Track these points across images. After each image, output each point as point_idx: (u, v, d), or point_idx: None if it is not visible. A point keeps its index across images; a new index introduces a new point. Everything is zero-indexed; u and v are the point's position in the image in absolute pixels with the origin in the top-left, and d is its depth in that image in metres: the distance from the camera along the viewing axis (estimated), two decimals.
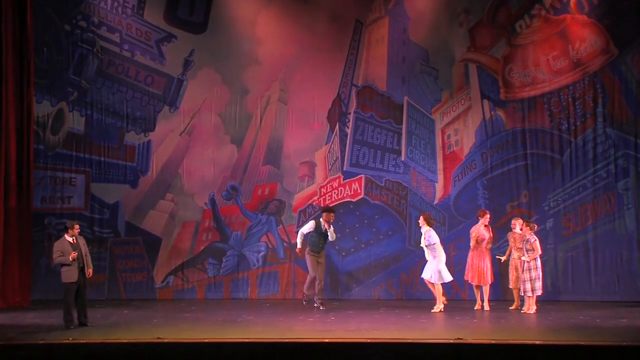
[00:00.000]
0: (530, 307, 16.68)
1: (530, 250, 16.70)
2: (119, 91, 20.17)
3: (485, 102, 19.70)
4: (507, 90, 19.65)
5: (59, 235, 16.31)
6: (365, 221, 19.81)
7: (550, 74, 19.46)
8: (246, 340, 13.23)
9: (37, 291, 18.86)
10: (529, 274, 16.67)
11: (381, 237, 19.76)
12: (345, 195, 19.96)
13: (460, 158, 19.76)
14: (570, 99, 19.34)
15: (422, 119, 19.95)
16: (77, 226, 15.16)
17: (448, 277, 16.92)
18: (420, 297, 19.15)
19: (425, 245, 16.91)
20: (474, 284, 17.58)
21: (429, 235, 16.88)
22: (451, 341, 12.87)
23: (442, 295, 17.00)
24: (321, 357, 12.52)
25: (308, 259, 17.33)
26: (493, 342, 12.91)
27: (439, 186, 19.80)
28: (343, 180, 19.98)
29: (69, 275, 14.77)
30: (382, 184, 19.87)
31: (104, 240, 19.83)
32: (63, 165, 19.96)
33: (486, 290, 17.52)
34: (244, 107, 20.29)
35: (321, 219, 17.55)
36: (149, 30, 20.27)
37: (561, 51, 19.43)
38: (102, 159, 20.04)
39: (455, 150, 19.84)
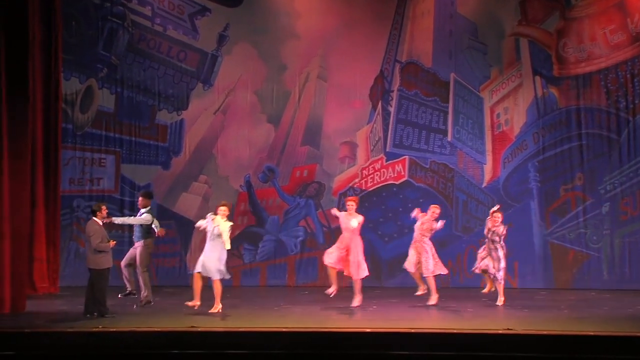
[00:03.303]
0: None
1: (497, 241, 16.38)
2: (150, 67, 20.27)
3: (537, 79, 19.59)
4: (560, 67, 19.52)
5: (89, 219, 16.34)
6: (409, 205, 19.72)
7: (607, 49, 19.30)
8: (283, 330, 13.29)
9: (66, 277, 19.04)
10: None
11: None
12: (388, 177, 19.96)
13: (510, 138, 19.67)
14: (628, 76, 19.17)
15: (470, 97, 19.89)
16: (104, 207, 15.28)
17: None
18: (468, 285, 19.14)
19: (218, 235, 15.28)
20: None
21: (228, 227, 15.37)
22: (500, 331, 12.87)
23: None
24: (362, 348, 12.55)
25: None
26: (544, 332, 12.88)
27: (488, 168, 19.74)
28: (386, 161, 19.98)
29: (106, 260, 14.87)
30: (427, 166, 19.84)
31: None
32: (92, 145, 20.12)
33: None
34: (281, 84, 20.32)
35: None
36: (181, 4, 20.33)
37: (619, 24, 19.25)
38: (133, 138, 20.17)
39: (505, 130, 19.76)
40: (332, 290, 16.00)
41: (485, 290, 16.68)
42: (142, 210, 16.09)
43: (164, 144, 20.26)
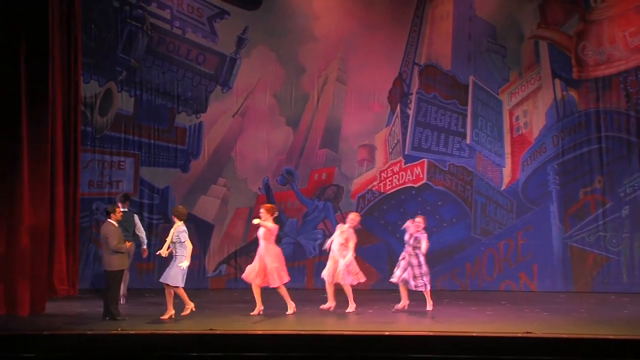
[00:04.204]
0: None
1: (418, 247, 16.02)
2: (169, 70, 20.29)
3: (557, 81, 19.53)
4: (580, 69, 19.45)
5: (104, 221, 16.38)
6: (428, 208, 19.75)
7: (627, 51, 19.22)
8: (302, 332, 13.30)
9: (85, 279, 19.10)
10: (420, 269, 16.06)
11: (445, 224, 19.70)
12: (406, 180, 19.92)
13: (529, 141, 19.61)
14: None
15: (489, 100, 19.84)
16: (118, 209, 15.33)
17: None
18: (487, 289, 19.11)
19: (174, 242, 15.09)
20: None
21: (181, 231, 15.12)
22: (519, 335, 12.83)
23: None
24: (381, 351, 12.54)
25: None
26: (564, 336, 12.84)
27: (507, 171, 19.68)
28: (404, 164, 19.95)
29: (122, 262, 14.93)
30: (446, 169, 19.80)
31: (153, 226, 19.97)
32: (111, 148, 20.12)
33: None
34: (300, 87, 20.32)
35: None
36: (200, 7, 20.36)
37: (639, 27, 19.16)
38: (152, 141, 20.18)
39: (524, 133, 19.70)
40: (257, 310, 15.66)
41: (400, 305, 16.06)
42: None
43: (183, 147, 20.28)
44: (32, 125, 15.83)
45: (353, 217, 16.42)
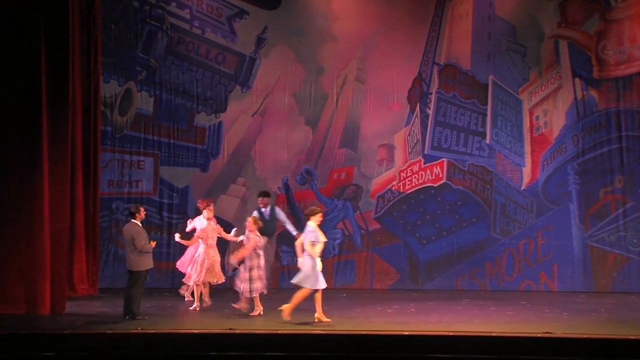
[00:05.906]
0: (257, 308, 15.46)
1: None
2: (188, 70, 20.33)
3: (577, 81, 19.46)
4: (600, 69, 19.38)
5: (127, 222, 16.59)
6: (447, 207, 19.73)
7: None
8: (321, 332, 13.30)
9: (105, 279, 19.15)
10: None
11: (464, 224, 19.66)
12: (426, 180, 19.89)
13: (549, 141, 19.56)
14: None
15: (509, 99, 19.80)
16: (142, 209, 15.37)
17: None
18: (506, 289, 19.06)
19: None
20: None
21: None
22: (539, 335, 12.81)
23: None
24: (401, 351, 12.53)
25: None
26: (584, 336, 12.81)
27: (527, 171, 19.63)
28: (424, 164, 19.92)
29: (147, 262, 14.96)
30: (466, 168, 19.76)
31: (173, 226, 20.02)
32: (131, 147, 20.16)
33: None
34: (319, 87, 20.31)
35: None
36: (220, 6, 20.39)
37: None
38: (172, 141, 20.22)
39: (544, 133, 19.65)
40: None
41: (237, 305, 15.55)
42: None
43: (203, 147, 20.31)
44: (52, 124, 15.89)
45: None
